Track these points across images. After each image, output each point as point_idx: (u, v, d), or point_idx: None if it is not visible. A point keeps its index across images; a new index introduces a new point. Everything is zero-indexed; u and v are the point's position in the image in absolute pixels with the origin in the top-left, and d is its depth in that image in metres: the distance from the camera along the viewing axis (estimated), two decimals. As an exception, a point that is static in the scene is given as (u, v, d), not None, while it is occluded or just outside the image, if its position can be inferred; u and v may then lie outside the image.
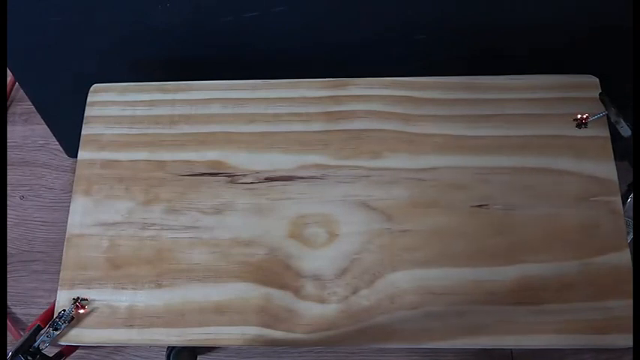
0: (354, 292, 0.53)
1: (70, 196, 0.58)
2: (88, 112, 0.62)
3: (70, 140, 0.93)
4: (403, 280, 0.53)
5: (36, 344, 0.52)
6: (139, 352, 0.85)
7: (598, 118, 0.57)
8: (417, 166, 0.57)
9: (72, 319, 0.53)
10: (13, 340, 0.87)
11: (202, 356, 0.85)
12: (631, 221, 0.54)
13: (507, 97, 0.59)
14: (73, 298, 0.53)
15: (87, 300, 0.54)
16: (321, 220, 0.55)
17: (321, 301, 0.53)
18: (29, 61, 0.75)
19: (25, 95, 0.85)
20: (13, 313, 0.90)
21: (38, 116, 0.89)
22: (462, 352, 0.82)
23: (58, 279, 0.55)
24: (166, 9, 0.63)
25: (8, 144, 1.03)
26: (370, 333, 0.51)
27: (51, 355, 0.54)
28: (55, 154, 1.02)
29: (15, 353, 0.51)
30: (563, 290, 0.51)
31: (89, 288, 0.54)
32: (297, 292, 0.53)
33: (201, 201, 0.57)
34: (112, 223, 0.57)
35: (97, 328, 0.53)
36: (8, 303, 0.90)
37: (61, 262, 0.56)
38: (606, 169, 0.55)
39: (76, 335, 0.53)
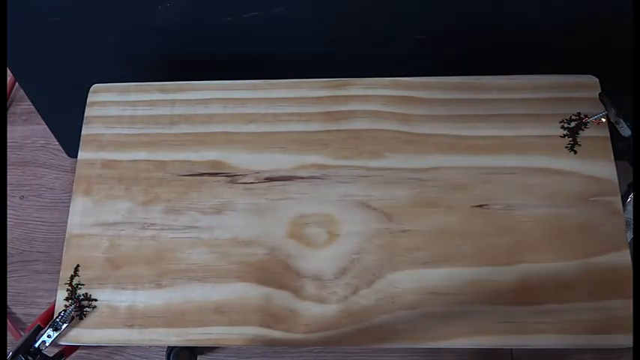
0: (354, 292, 0.53)
1: (70, 196, 0.58)
2: (88, 112, 0.62)
3: (70, 140, 0.93)
4: (403, 280, 0.53)
5: (36, 344, 0.52)
6: (139, 352, 0.86)
7: (598, 117, 0.57)
8: (417, 166, 0.57)
9: (72, 319, 0.53)
10: (13, 340, 0.87)
11: (202, 356, 0.85)
12: (631, 221, 0.54)
13: (507, 97, 0.59)
14: (73, 298, 0.54)
15: (86, 298, 0.54)
16: (321, 220, 0.55)
17: (321, 301, 0.53)
18: (29, 61, 0.75)
19: (25, 95, 0.85)
20: (13, 313, 0.90)
21: (38, 116, 0.89)
22: (462, 352, 0.82)
23: (58, 279, 0.55)
24: (166, 9, 0.63)
25: (8, 144, 1.03)
26: (370, 333, 0.51)
27: (51, 355, 0.54)
28: (55, 154, 1.02)
29: (15, 353, 0.51)
30: (563, 290, 0.51)
31: (89, 288, 0.54)
32: (297, 292, 0.53)
33: (201, 201, 0.57)
34: (112, 223, 0.57)
35: (97, 328, 0.53)
36: (8, 303, 0.90)
37: (61, 262, 0.56)
38: (606, 169, 0.55)
39: (76, 335, 0.53)
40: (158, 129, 0.60)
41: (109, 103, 0.62)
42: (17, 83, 1.05)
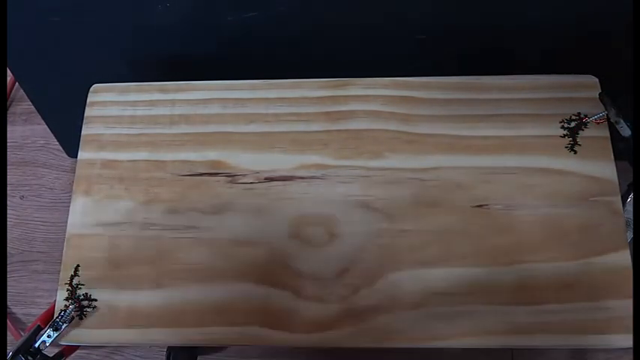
0: (354, 292, 0.53)
1: (70, 196, 0.58)
2: (88, 112, 0.62)
3: (70, 140, 0.93)
4: (403, 279, 0.53)
5: (36, 344, 0.52)
6: (139, 352, 0.85)
7: (598, 118, 0.57)
8: (417, 166, 0.57)
9: (72, 320, 0.53)
10: (13, 340, 0.87)
11: (202, 356, 0.85)
12: (631, 221, 0.54)
13: (507, 97, 0.59)
14: (73, 298, 0.54)
15: (86, 298, 0.54)
16: (321, 220, 0.55)
17: (321, 301, 0.53)
18: (29, 61, 0.75)
19: (25, 95, 0.85)
20: (13, 313, 0.90)
21: (38, 116, 0.89)
22: (462, 352, 0.82)
23: (58, 279, 0.55)
24: (166, 9, 0.63)
25: (8, 144, 1.02)
26: (370, 333, 0.51)
27: (51, 355, 0.54)
28: (55, 154, 1.02)
29: (15, 353, 0.51)
30: (563, 290, 0.51)
31: (89, 288, 0.54)
32: (297, 292, 0.53)
33: (201, 201, 0.57)
34: (112, 223, 0.57)
35: (97, 328, 0.53)
36: (8, 303, 0.90)
37: (61, 262, 0.56)
38: (606, 169, 0.55)
39: (76, 335, 0.53)
40: (158, 129, 0.60)
41: (109, 103, 0.62)
42: (17, 83, 1.05)
